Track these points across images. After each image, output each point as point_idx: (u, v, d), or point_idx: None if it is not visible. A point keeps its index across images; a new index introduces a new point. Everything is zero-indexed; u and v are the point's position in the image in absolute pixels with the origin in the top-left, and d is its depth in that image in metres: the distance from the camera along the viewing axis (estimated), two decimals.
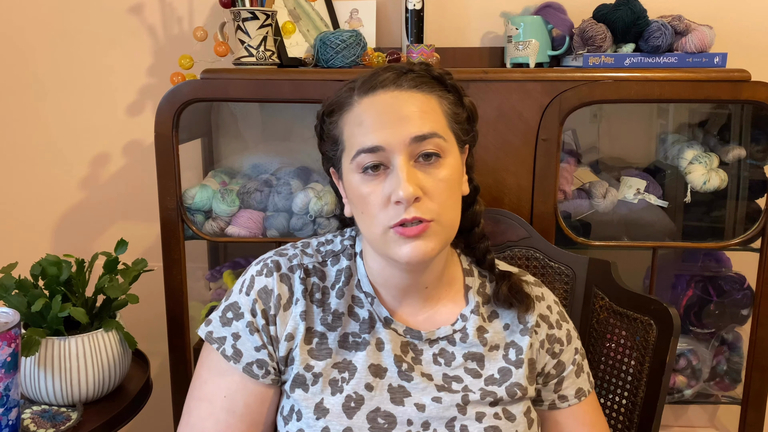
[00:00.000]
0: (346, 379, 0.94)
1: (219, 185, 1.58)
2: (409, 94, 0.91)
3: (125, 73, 1.76)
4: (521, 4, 1.68)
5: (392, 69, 0.94)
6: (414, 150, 0.88)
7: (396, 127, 0.88)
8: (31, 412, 1.30)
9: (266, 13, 1.45)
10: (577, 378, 1.05)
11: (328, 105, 0.97)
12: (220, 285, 1.71)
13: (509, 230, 1.34)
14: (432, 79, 0.94)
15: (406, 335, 0.98)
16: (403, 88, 0.91)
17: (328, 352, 0.96)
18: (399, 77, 0.92)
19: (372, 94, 0.91)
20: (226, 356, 0.96)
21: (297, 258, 1.00)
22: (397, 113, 0.89)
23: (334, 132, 0.95)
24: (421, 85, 0.92)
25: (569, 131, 1.63)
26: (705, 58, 1.41)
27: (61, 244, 1.85)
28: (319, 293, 0.98)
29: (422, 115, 0.90)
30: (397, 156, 0.88)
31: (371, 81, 0.92)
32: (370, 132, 0.89)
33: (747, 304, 1.60)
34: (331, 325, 0.97)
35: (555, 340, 1.03)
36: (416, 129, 0.88)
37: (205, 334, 0.99)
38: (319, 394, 0.94)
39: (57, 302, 1.28)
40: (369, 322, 0.97)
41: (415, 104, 0.90)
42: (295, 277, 0.98)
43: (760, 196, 1.55)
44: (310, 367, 0.95)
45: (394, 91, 0.91)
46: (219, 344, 0.97)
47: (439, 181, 0.89)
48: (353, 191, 0.92)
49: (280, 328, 0.96)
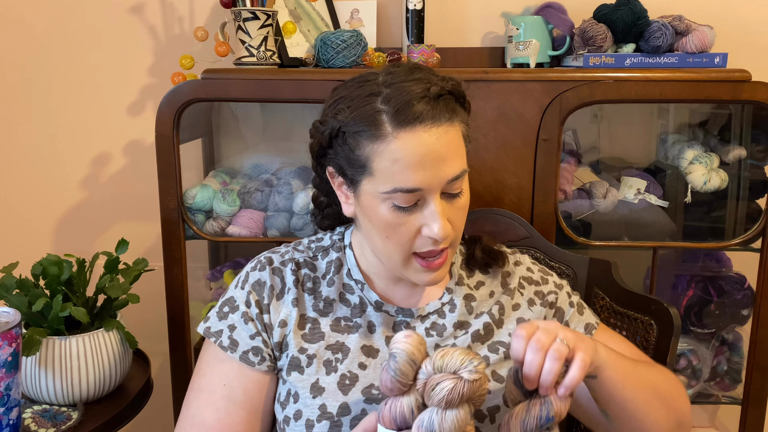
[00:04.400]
0: (340, 359, 0.97)
1: (220, 185, 1.58)
2: (445, 129, 0.88)
3: (126, 73, 1.76)
4: (522, 4, 1.68)
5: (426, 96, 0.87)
6: (447, 188, 0.90)
7: (435, 170, 0.87)
8: (32, 412, 1.31)
9: (267, 13, 1.45)
10: (581, 315, 1.07)
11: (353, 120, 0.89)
12: (220, 285, 1.71)
13: (510, 230, 1.34)
14: (456, 102, 0.92)
15: (398, 315, 1.01)
16: (439, 121, 0.87)
17: (321, 335, 0.99)
18: (434, 107, 0.87)
19: (410, 129, 0.86)
20: (223, 347, 0.99)
21: (289, 254, 1.04)
22: (437, 154, 0.87)
23: (358, 153, 0.89)
24: (452, 114, 0.89)
25: (570, 131, 1.63)
26: (705, 59, 1.41)
27: (62, 244, 1.85)
28: (310, 282, 1.02)
29: (456, 153, 0.89)
30: (432, 195, 0.89)
31: (407, 112, 0.86)
32: (410, 173, 0.87)
33: (747, 304, 1.60)
34: (322, 311, 1.00)
35: (545, 293, 1.07)
36: (452, 171, 0.89)
37: (203, 329, 1.02)
38: (315, 375, 0.96)
39: (58, 302, 1.28)
40: (360, 307, 1.00)
41: (451, 142, 0.89)
42: (287, 269, 1.02)
43: (761, 196, 1.55)
44: (304, 350, 0.98)
45: (431, 128, 0.87)
46: (216, 337, 1.00)
47: (460, 209, 0.93)
48: (376, 216, 0.91)
49: (273, 316, 0.99)
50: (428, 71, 0.93)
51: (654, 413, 0.94)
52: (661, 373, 1.00)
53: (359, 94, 0.90)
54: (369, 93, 0.89)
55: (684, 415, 0.99)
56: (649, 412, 0.93)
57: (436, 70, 0.95)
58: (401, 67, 0.93)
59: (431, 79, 0.90)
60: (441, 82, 0.90)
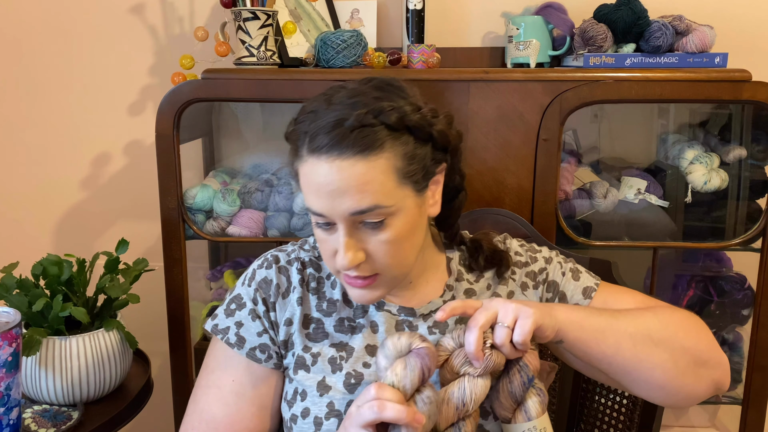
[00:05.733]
0: (345, 358, 0.97)
1: (220, 185, 1.58)
2: (351, 163, 0.84)
3: (126, 73, 1.76)
4: (522, 4, 1.68)
5: (337, 125, 0.85)
6: (356, 218, 0.88)
7: (335, 201, 0.86)
8: (32, 412, 1.31)
9: (267, 13, 1.45)
10: (577, 281, 1.06)
11: (293, 132, 0.91)
12: (220, 285, 1.71)
13: (510, 230, 1.33)
14: (387, 129, 0.86)
15: (400, 314, 1.01)
16: (345, 155, 0.84)
17: (324, 335, 0.99)
18: (343, 139, 0.84)
19: (316, 156, 0.86)
20: (230, 344, 1.00)
21: (294, 253, 1.05)
22: (336, 186, 0.85)
23: (294, 165, 0.92)
24: (366, 148, 0.85)
25: (570, 131, 1.63)
26: (706, 58, 1.41)
27: (62, 244, 1.85)
28: (314, 282, 1.02)
29: (362, 188, 0.85)
30: (339, 223, 0.88)
31: (320, 138, 0.86)
32: (314, 198, 0.88)
33: (747, 304, 1.60)
34: (326, 311, 1.01)
35: (536, 273, 1.06)
36: (355, 204, 0.86)
37: (211, 327, 1.02)
38: (321, 373, 0.97)
39: (58, 302, 1.28)
40: (362, 308, 1.01)
41: (354, 177, 0.85)
42: (293, 269, 1.02)
43: (761, 196, 1.55)
44: (308, 348, 0.99)
45: (335, 160, 0.85)
46: (223, 334, 1.01)
47: (383, 243, 0.89)
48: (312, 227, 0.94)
49: (279, 314, 1.00)
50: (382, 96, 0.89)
51: (650, 359, 0.92)
52: (658, 315, 0.97)
53: (307, 108, 0.91)
54: (311, 110, 0.90)
55: (702, 351, 0.95)
56: (643, 359, 0.92)
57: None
58: (367, 85, 0.91)
59: (366, 106, 0.86)
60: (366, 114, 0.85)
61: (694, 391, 0.95)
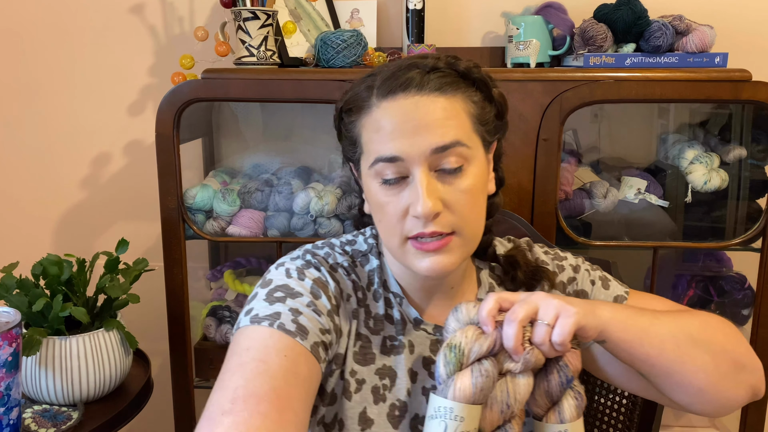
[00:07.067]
0: (388, 386, 0.91)
1: (220, 185, 1.58)
2: (432, 98, 0.84)
3: (126, 72, 1.76)
4: (522, 4, 1.68)
5: (416, 66, 0.86)
6: (435, 161, 0.83)
7: (416, 137, 0.82)
8: (32, 412, 1.31)
9: (267, 13, 1.45)
10: (607, 290, 1.02)
11: (346, 101, 0.90)
12: (220, 285, 1.71)
13: (510, 230, 1.34)
14: (459, 77, 0.87)
15: (435, 333, 0.95)
16: (425, 91, 0.84)
17: (372, 357, 0.92)
18: (422, 78, 0.84)
19: (392, 97, 0.84)
20: (287, 330, 0.82)
21: (331, 257, 0.94)
22: (418, 121, 0.83)
23: (353, 132, 0.89)
24: (446, 87, 0.85)
25: (570, 131, 1.63)
26: (706, 58, 1.41)
27: (62, 244, 1.85)
28: (360, 292, 0.93)
29: (445, 122, 0.83)
30: (416, 167, 0.83)
31: (392, 82, 0.85)
32: (388, 140, 0.83)
33: (748, 304, 1.60)
34: (373, 329, 0.93)
35: (565, 283, 1.01)
36: (438, 139, 0.82)
37: (249, 319, 0.84)
38: (363, 403, 0.90)
39: (58, 302, 1.28)
40: (402, 323, 0.94)
41: (437, 111, 0.83)
42: (341, 273, 0.92)
43: (761, 196, 1.55)
44: (354, 372, 0.91)
45: (415, 96, 0.84)
46: (272, 320, 0.82)
47: (461, 192, 0.84)
48: (371, 197, 0.88)
49: (342, 321, 0.90)
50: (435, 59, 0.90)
51: (693, 361, 0.87)
52: (697, 318, 0.92)
53: (358, 80, 0.91)
54: (366, 75, 0.90)
55: (741, 354, 0.91)
56: (687, 361, 0.86)
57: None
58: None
59: (430, 56, 0.89)
60: (437, 60, 0.87)
61: (734, 397, 0.91)
